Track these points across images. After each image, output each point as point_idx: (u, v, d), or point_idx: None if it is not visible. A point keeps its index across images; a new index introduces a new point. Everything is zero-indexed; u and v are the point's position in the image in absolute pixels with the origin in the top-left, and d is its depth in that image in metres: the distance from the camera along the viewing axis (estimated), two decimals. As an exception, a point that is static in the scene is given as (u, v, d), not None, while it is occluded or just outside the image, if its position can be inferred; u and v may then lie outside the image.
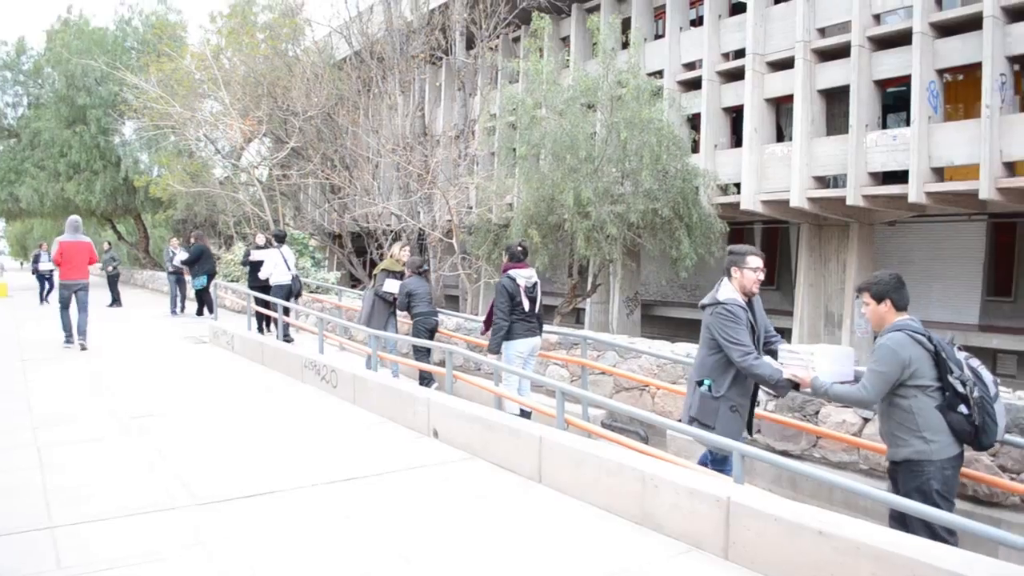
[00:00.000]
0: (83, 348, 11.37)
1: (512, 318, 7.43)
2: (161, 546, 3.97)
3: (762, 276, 4.78)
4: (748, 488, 3.95)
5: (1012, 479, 4.67)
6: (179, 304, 17.26)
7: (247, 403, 7.88)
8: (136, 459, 5.63)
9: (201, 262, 15.90)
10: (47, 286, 21.23)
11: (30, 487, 4.93)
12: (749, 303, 4.74)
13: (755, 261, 4.76)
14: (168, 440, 6.20)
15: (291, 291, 12.59)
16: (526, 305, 7.48)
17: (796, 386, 4.41)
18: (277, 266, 12.52)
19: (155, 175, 28.28)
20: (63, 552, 3.87)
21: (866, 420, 5.60)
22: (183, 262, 16.68)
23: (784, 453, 5.87)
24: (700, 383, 4.67)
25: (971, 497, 4.91)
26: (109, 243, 24.22)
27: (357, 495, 4.84)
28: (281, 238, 13.16)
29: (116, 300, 19.61)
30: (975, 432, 3.93)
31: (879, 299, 4.22)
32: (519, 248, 7.71)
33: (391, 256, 10.25)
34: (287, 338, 11.77)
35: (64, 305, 11.44)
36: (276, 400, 7.98)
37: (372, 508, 4.61)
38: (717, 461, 4.76)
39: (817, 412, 5.86)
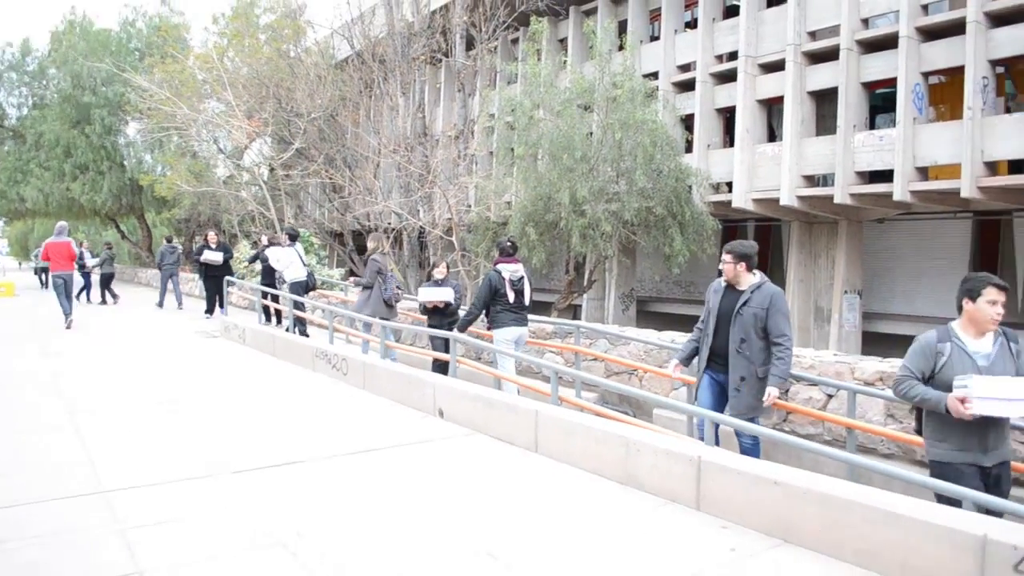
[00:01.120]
0: (68, 326, 13.71)
1: (498, 308, 8.12)
2: (204, 505, 4.51)
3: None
4: (716, 449, 4.50)
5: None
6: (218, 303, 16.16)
7: (264, 389, 8.43)
8: (168, 437, 6.16)
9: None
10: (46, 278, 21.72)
11: (77, 461, 5.45)
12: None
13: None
14: (195, 421, 6.74)
15: (307, 286, 12.97)
16: (511, 297, 8.11)
17: None
18: (293, 263, 12.82)
19: (159, 174, 28.77)
20: (119, 511, 4.40)
21: (829, 397, 6.20)
22: (251, 259, 16.44)
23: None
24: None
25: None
26: (108, 243, 24.61)
27: (374, 463, 5.39)
28: (294, 236, 13.47)
29: (105, 299, 19.93)
30: None
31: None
32: (508, 244, 8.41)
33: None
34: (304, 332, 12.11)
35: (57, 291, 13.87)
36: (291, 387, 8.52)
37: (389, 474, 5.16)
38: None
39: (787, 390, 6.42)
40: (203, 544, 3.91)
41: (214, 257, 15.69)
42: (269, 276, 13.97)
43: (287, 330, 11.91)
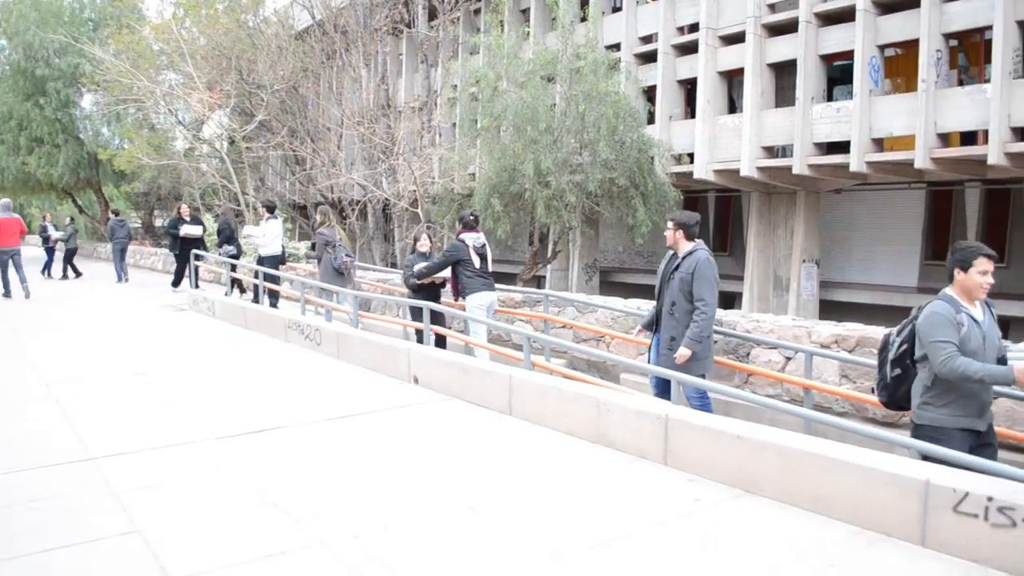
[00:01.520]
0: (27, 295, 14.35)
1: (467, 274, 8.37)
2: (192, 469, 4.67)
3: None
4: (682, 407, 4.77)
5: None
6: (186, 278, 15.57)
7: (238, 360, 8.55)
8: (147, 407, 6.27)
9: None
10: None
11: (61, 430, 5.56)
12: None
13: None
14: (172, 391, 6.85)
15: (281, 260, 13.05)
16: (476, 262, 8.40)
17: None
18: (276, 237, 12.86)
19: (116, 147, 28.36)
20: (109, 476, 4.54)
21: (788, 359, 6.52)
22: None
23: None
24: None
25: (871, 420, 5.85)
26: (71, 217, 24.29)
27: (353, 428, 5.58)
28: (272, 209, 13.44)
29: (66, 274, 19.74)
30: None
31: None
32: (472, 217, 8.81)
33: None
34: (275, 305, 12.26)
35: (3, 267, 14.45)
36: (264, 357, 8.65)
37: (368, 437, 5.36)
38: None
39: (748, 353, 6.73)
40: (196, 505, 4.08)
41: (193, 231, 15.23)
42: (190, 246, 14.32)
43: (254, 301, 12.00)
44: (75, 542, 3.60)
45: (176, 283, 15.88)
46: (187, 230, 15.18)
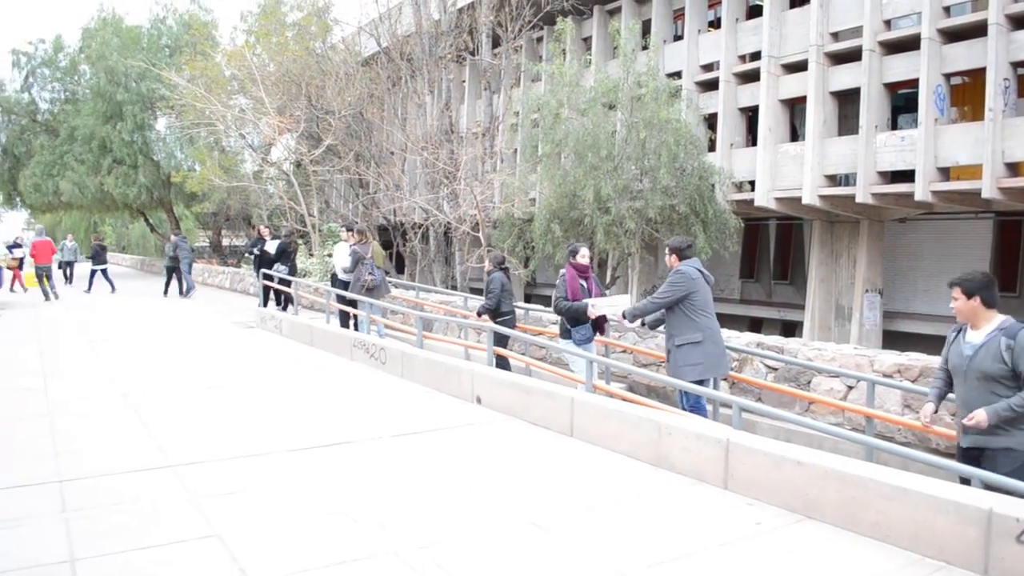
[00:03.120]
0: (56, 297, 18.72)
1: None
2: (266, 479, 4.90)
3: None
4: (742, 432, 4.84)
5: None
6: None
7: (305, 377, 8.84)
8: (221, 419, 6.57)
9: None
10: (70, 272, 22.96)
11: (141, 439, 5.89)
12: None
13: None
14: (245, 404, 7.16)
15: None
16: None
17: None
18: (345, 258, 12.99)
19: (188, 169, 29.30)
20: (188, 482, 4.80)
21: (850, 388, 6.52)
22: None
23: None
24: None
25: (933, 450, 5.81)
26: (175, 234, 25.32)
27: (418, 444, 5.77)
28: (349, 230, 13.30)
29: (184, 291, 20.14)
30: None
31: (969, 295, 4.40)
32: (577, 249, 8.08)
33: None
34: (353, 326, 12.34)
35: (39, 279, 18.71)
36: (331, 374, 8.93)
37: (434, 454, 5.54)
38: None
39: (809, 381, 6.76)
40: (271, 512, 4.29)
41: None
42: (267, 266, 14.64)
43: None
44: (158, 543, 3.82)
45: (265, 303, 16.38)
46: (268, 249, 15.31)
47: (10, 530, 3.97)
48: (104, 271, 22.10)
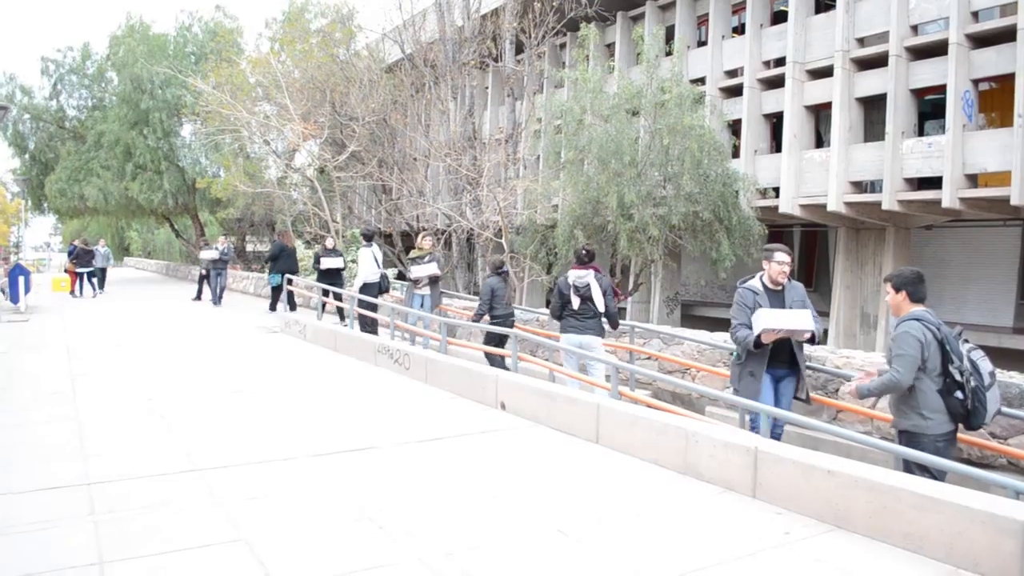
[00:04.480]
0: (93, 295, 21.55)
1: (566, 313, 8.09)
2: (290, 484, 4.91)
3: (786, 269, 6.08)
4: (772, 441, 4.80)
5: (1000, 443, 5.48)
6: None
7: (329, 381, 8.88)
8: (245, 423, 6.60)
9: (279, 260, 16.86)
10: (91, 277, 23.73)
11: (167, 443, 5.94)
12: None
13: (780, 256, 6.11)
14: (269, 409, 7.19)
15: (380, 288, 13.10)
16: (575, 303, 7.96)
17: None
18: (366, 264, 12.84)
19: (212, 175, 29.57)
20: (214, 487, 4.82)
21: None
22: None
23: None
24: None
25: (965, 460, 5.71)
26: (206, 240, 25.68)
27: (443, 450, 5.76)
28: (369, 237, 13.32)
29: (216, 298, 20.20)
30: (967, 415, 4.74)
31: (897, 289, 4.99)
32: (584, 252, 8.19)
33: (418, 247, 12.13)
34: (373, 332, 12.14)
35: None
36: (355, 379, 8.95)
37: (459, 459, 5.53)
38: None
39: (837, 389, 6.69)
40: (297, 517, 4.29)
41: (334, 263, 14.98)
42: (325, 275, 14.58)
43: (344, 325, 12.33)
44: (186, 547, 3.84)
45: (272, 307, 16.68)
46: (328, 263, 14.94)
47: (41, 532, 4.00)
48: (91, 275, 22.88)
